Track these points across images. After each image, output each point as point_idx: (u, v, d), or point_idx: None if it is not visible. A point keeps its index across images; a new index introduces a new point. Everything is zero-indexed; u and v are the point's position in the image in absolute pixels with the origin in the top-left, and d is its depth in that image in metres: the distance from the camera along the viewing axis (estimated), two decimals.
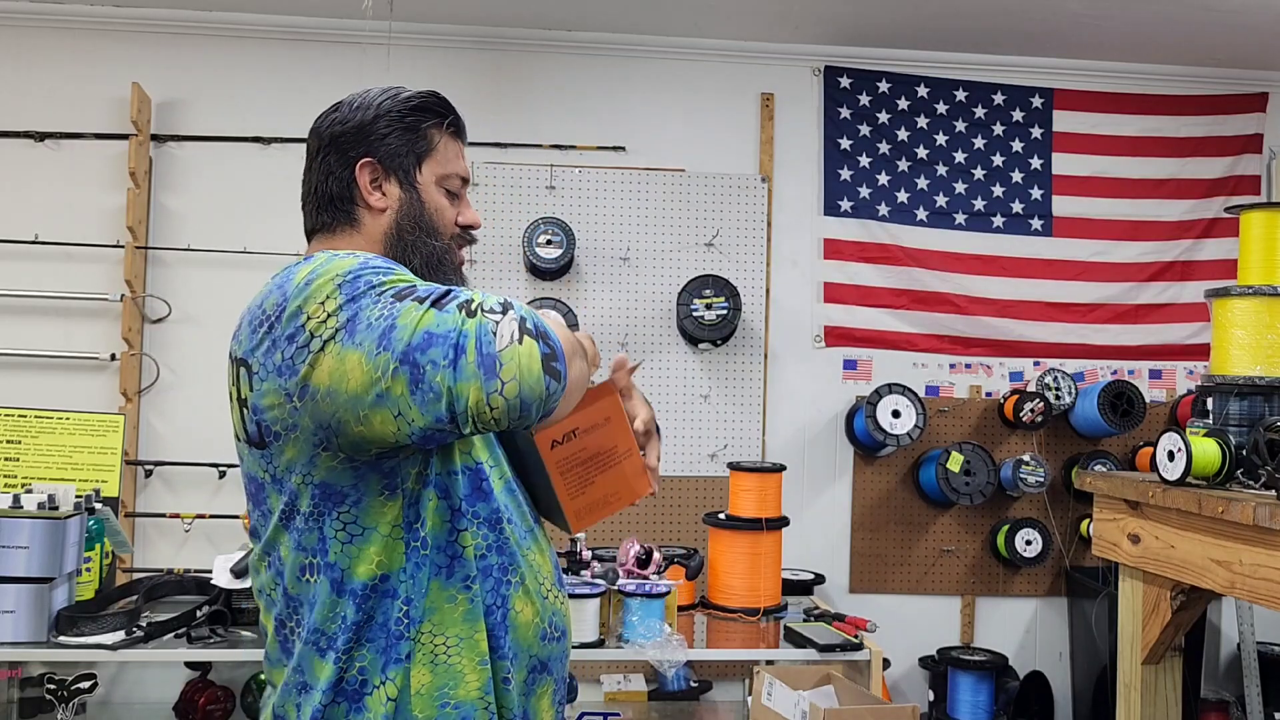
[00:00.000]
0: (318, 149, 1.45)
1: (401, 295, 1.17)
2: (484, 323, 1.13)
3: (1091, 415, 3.91)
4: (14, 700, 2.95)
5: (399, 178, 1.43)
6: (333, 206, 1.42)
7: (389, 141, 1.43)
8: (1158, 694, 2.34)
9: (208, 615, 2.53)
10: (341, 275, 1.20)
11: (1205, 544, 2.01)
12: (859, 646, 2.71)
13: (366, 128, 1.43)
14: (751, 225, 4.05)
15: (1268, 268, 2.19)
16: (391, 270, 1.23)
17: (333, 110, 1.47)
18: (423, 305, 1.15)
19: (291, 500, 1.29)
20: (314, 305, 1.19)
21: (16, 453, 2.81)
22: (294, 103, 3.91)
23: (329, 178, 1.43)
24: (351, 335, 1.15)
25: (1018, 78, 4.20)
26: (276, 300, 1.24)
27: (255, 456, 1.31)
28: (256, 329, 1.26)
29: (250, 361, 1.27)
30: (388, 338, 1.13)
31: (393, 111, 1.44)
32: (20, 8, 3.79)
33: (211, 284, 3.85)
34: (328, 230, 1.43)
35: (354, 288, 1.18)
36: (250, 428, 1.29)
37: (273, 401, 1.24)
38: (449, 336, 1.12)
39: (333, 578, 1.27)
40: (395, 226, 1.42)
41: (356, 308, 1.16)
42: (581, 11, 3.82)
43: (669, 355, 4.00)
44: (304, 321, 1.19)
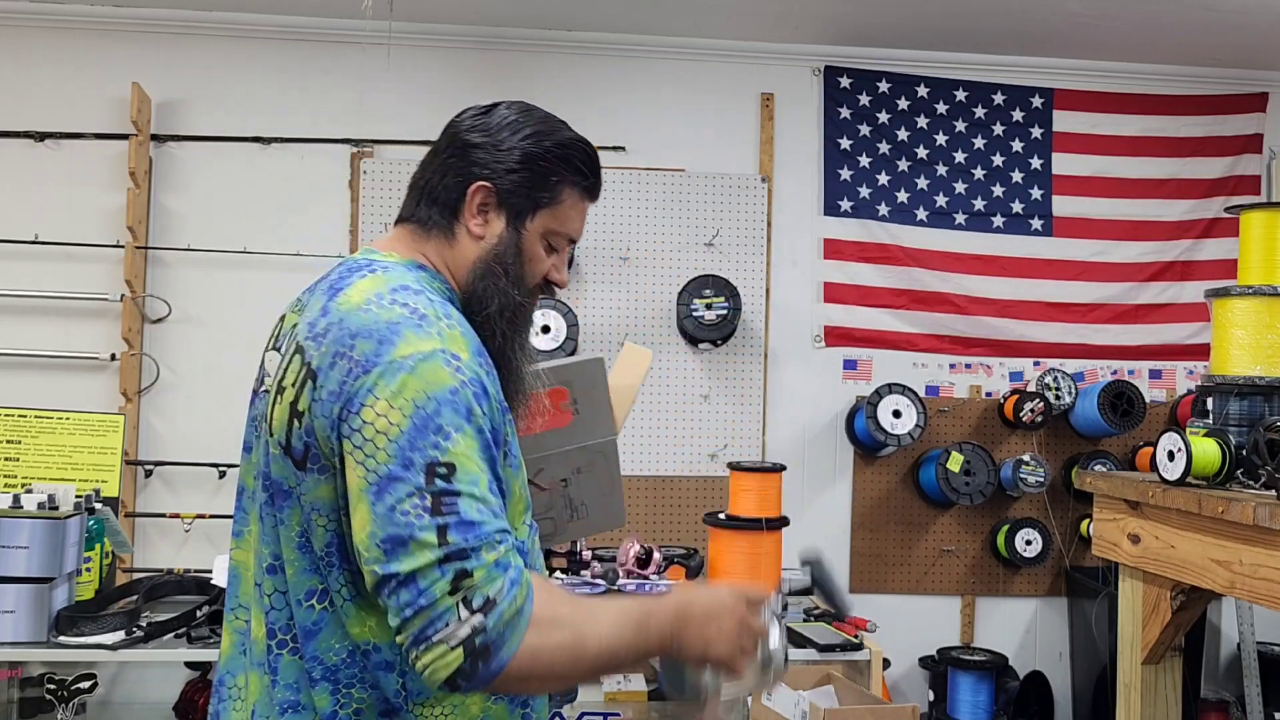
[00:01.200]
0: (447, 145, 1.37)
1: (435, 507, 1.12)
2: (450, 610, 1.10)
3: (1091, 415, 3.91)
4: (14, 700, 2.95)
5: (508, 215, 1.35)
6: (435, 207, 1.36)
7: (514, 178, 1.34)
8: (1158, 694, 2.34)
9: (208, 615, 2.53)
10: (424, 400, 1.15)
11: (1205, 544, 2.01)
12: (859, 646, 2.71)
13: (501, 153, 1.34)
14: (751, 225, 4.05)
15: (1268, 268, 2.19)
16: (467, 421, 1.16)
17: (482, 113, 1.38)
18: (436, 553, 1.11)
19: (306, 531, 1.23)
20: (383, 405, 1.15)
21: (16, 453, 2.81)
22: (294, 103, 3.91)
23: (444, 178, 1.35)
24: (378, 496, 1.13)
25: (1018, 78, 4.20)
26: (367, 351, 1.18)
27: (288, 467, 1.24)
28: (335, 354, 1.20)
29: (319, 379, 1.20)
30: (391, 544, 1.12)
31: (533, 151, 1.35)
32: (20, 8, 3.79)
33: (211, 284, 3.85)
34: (423, 228, 1.36)
35: (420, 435, 1.13)
36: (296, 443, 1.22)
37: (322, 437, 1.19)
38: (421, 595, 1.10)
39: (332, 624, 1.23)
40: (484, 261, 1.35)
41: (401, 469, 1.13)
42: (581, 11, 3.82)
43: (669, 355, 4.00)
44: (363, 409, 1.15)
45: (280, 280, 3.84)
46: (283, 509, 1.25)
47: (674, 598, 1.24)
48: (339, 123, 3.91)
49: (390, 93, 3.90)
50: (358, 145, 3.90)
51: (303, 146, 3.90)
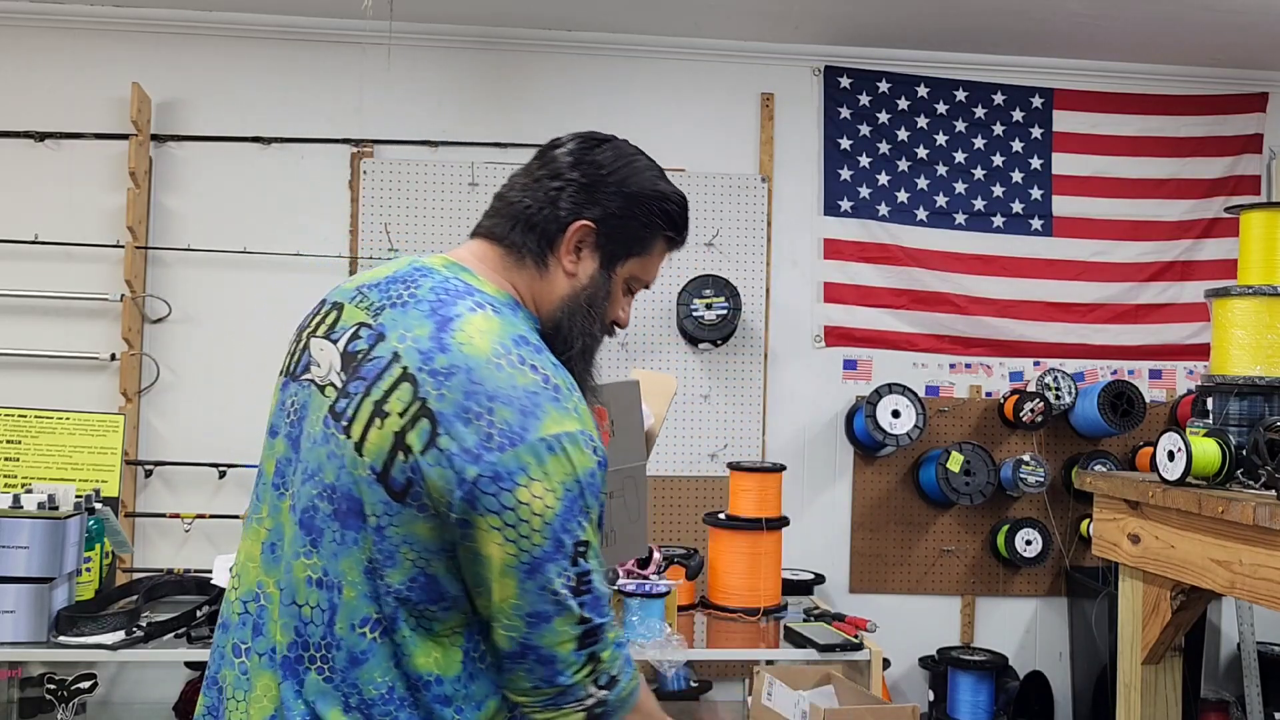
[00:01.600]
0: (554, 174, 1.35)
1: (579, 586, 1.20)
2: (583, 687, 1.22)
3: (1091, 415, 3.91)
4: (14, 700, 2.95)
5: (602, 257, 1.36)
6: (532, 235, 1.34)
7: (621, 225, 1.36)
8: (1158, 694, 2.34)
9: (208, 615, 2.53)
10: (572, 483, 1.19)
11: (1205, 544, 2.01)
12: (859, 646, 2.71)
13: (608, 195, 1.35)
14: (751, 225, 4.05)
15: (1268, 268, 2.19)
16: (597, 500, 1.23)
17: (591, 146, 1.39)
18: (576, 629, 1.20)
19: (386, 561, 1.20)
20: (539, 488, 1.17)
21: (16, 453, 2.81)
22: (294, 103, 3.91)
23: (546, 208, 1.33)
24: (529, 575, 1.17)
25: (1018, 78, 4.20)
26: (510, 421, 1.17)
27: (378, 494, 1.20)
28: (466, 409, 1.18)
29: (442, 427, 1.17)
30: (536, 619, 1.19)
31: (649, 204, 1.37)
32: (20, 8, 3.79)
33: (211, 284, 3.85)
34: (516, 254, 1.34)
35: (569, 518, 1.18)
36: (399, 475, 1.18)
37: (437, 486, 1.17)
38: (559, 675, 1.21)
39: (392, 651, 1.21)
40: (573, 299, 1.35)
41: (554, 550, 1.18)
42: (581, 11, 3.82)
43: (669, 355, 4.00)
44: (518, 489, 1.16)
45: (280, 280, 3.85)
46: (357, 530, 1.21)
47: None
48: (339, 123, 3.91)
49: (390, 93, 3.90)
50: (358, 145, 3.90)
51: (303, 146, 3.90)
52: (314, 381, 1.28)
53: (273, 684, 1.23)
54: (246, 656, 1.27)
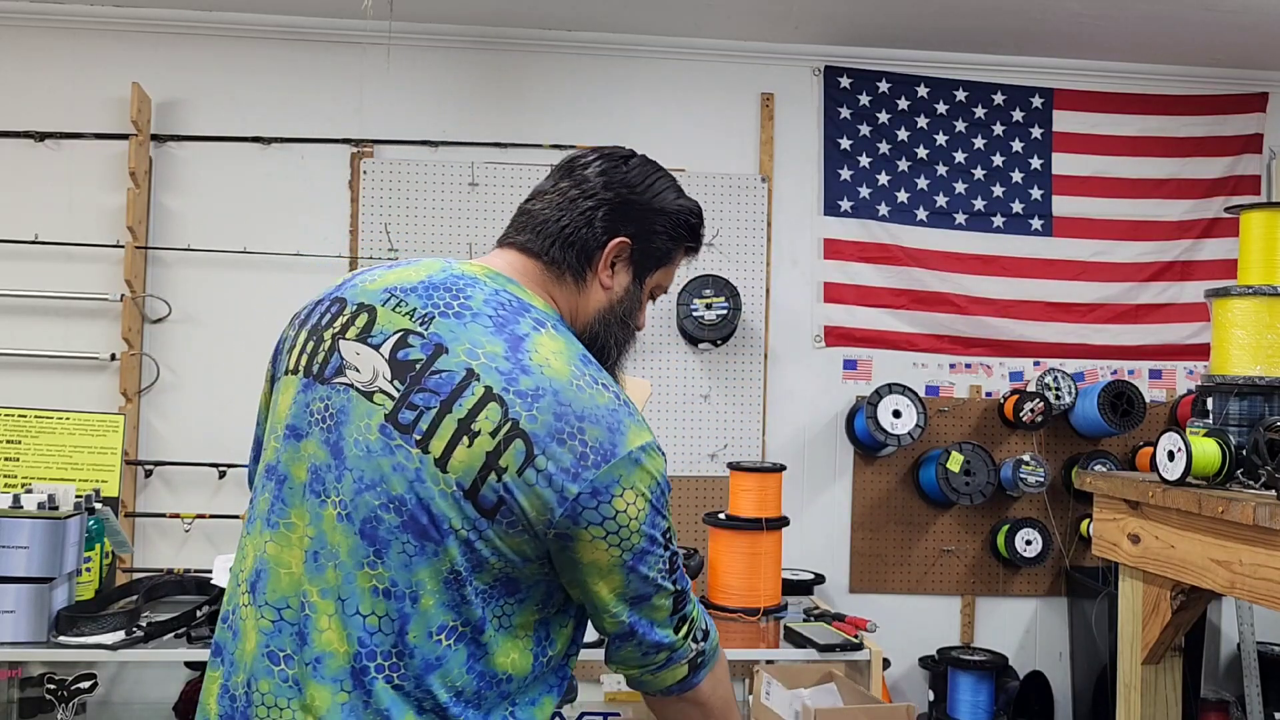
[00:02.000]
0: (590, 193, 1.41)
1: (670, 569, 1.36)
2: (685, 647, 1.40)
3: (1091, 415, 3.91)
4: (14, 700, 2.95)
5: (635, 270, 1.45)
6: (571, 252, 1.40)
7: (656, 240, 1.45)
8: (1158, 694, 2.34)
9: (208, 615, 2.53)
10: (655, 488, 1.31)
11: (1205, 544, 2.01)
12: (859, 646, 2.71)
13: (644, 215, 1.44)
14: (751, 225, 4.05)
15: (1268, 268, 2.19)
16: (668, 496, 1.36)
17: (621, 164, 1.47)
18: (668, 602, 1.36)
19: (473, 569, 1.24)
20: (631, 495, 1.28)
21: (16, 453, 2.81)
22: (294, 103, 3.91)
23: (586, 227, 1.40)
24: (633, 569, 1.31)
25: (1018, 78, 4.20)
26: (601, 439, 1.25)
27: (465, 510, 1.23)
28: (560, 431, 1.23)
29: (537, 448, 1.22)
30: (639, 601, 1.34)
31: (676, 218, 1.47)
32: (20, 8, 3.79)
33: (211, 284, 3.85)
34: (555, 269, 1.40)
35: (657, 515, 1.32)
36: (489, 494, 1.22)
37: (536, 505, 1.23)
38: (664, 643, 1.38)
39: (472, 652, 1.26)
40: (610, 312, 1.44)
41: (649, 544, 1.32)
42: (581, 11, 3.82)
43: (669, 355, 4.00)
44: (615, 499, 1.26)
45: (280, 280, 3.85)
46: (437, 542, 1.23)
47: None
48: (339, 123, 3.91)
49: (390, 93, 3.90)
50: (358, 145, 3.90)
51: (303, 146, 3.90)
52: (353, 386, 1.27)
53: (328, 694, 1.23)
54: (288, 665, 1.25)
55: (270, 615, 1.27)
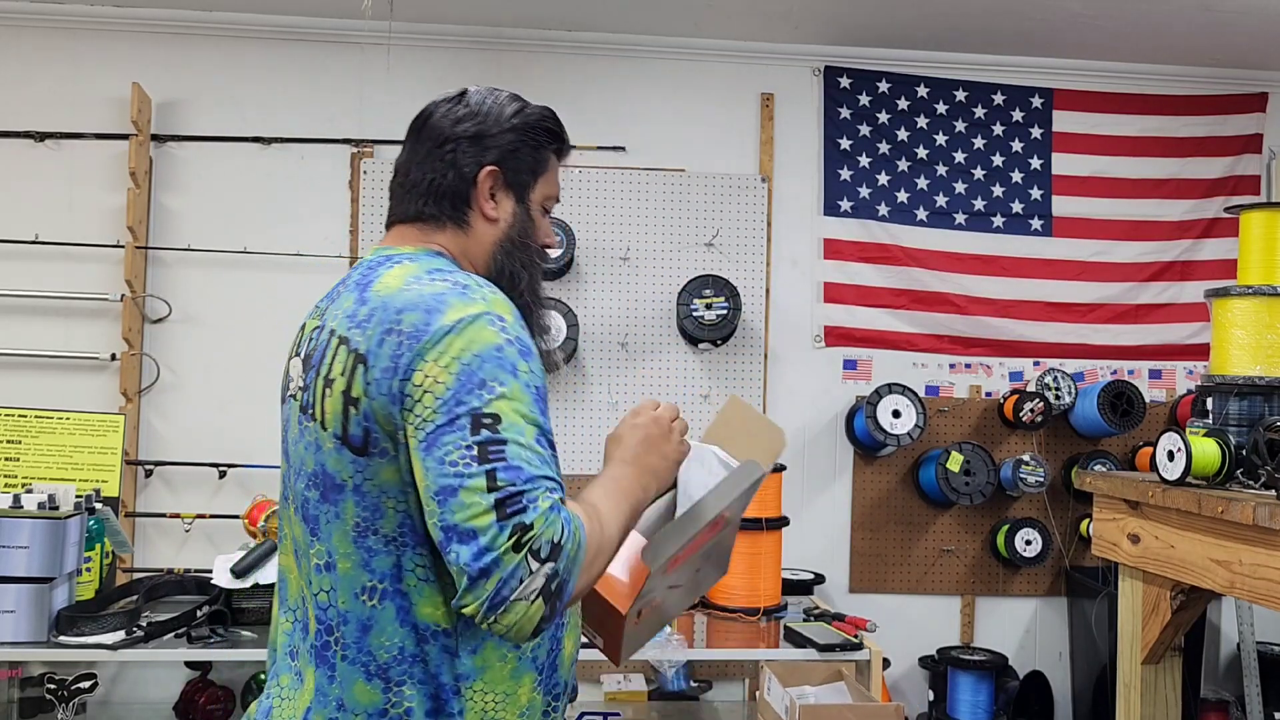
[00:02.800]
0: (440, 140, 1.42)
1: (483, 454, 1.16)
2: (520, 565, 1.13)
3: (1091, 415, 3.91)
4: (14, 700, 2.95)
5: (515, 192, 1.44)
6: (445, 201, 1.41)
7: (518, 156, 1.44)
8: (1158, 694, 2.34)
9: (208, 615, 2.53)
10: (469, 358, 1.20)
11: (1205, 544, 2.01)
12: (859, 646, 2.71)
13: (499, 137, 1.43)
14: (751, 225, 4.05)
15: (1267, 268, 2.19)
16: (513, 376, 1.21)
17: (457, 103, 1.47)
18: (487, 499, 1.14)
19: (372, 517, 1.25)
20: (431, 366, 1.20)
21: (16, 453, 2.81)
22: (294, 103, 3.91)
23: (449, 172, 1.41)
24: (428, 451, 1.18)
25: (1018, 78, 4.20)
26: (416, 321, 1.23)
27: (345, 457, 1.26)
28: (384, 332, 1.24)
29: (370, 361, 1.24)
30: (444, 494, 1.16)
31: (524, 127, 1.45)
32: (20, 8, 3.79)
33: (211, 284, 3.85)
34: (434, 223, 1.41)
35: (465, 390, 1.18)
36: (355, 430, 1.25)
37: (382, 416, 1.23)
38: (484, 554, 1.13)
39: (400, 605, 1.26)
40: (506, 240, 1.43)
41: (447, 422, 1.18)
42: (581, 11, 3.82)
43: (669, 355, 4.00)
44: (414, 374, 1.20)
45: (280, 280, 3.85)
46: (337, 503, 1.27)
47: (622, 445, 1.37)
48: (339, 123, 3.91)
49: (390, 93, 3.90)
50: (358, 145, 3.90)
51: (303, 146, 3.90)
52: (292, 396, 1.36)
53: (312, 677, 1.31)
54: (294, 658, 1.35)
55: (289, 619, 1.38)
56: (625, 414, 1.45)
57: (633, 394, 3.94)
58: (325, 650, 1.29)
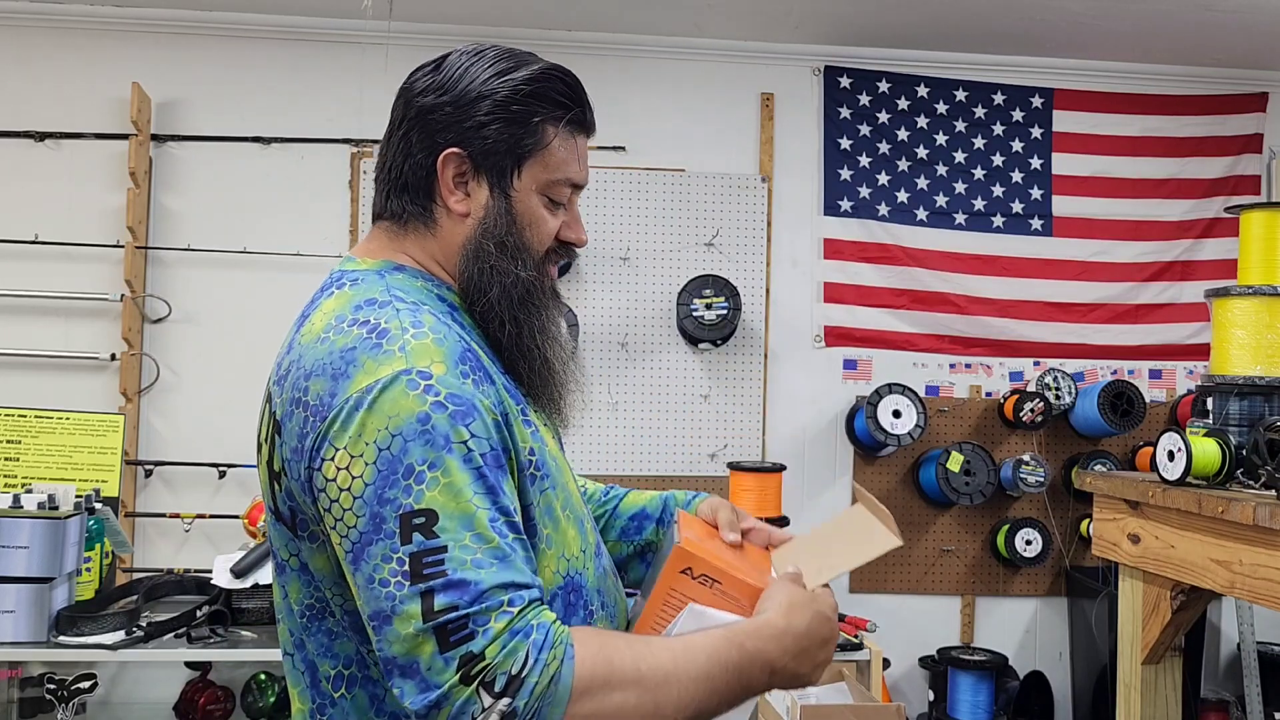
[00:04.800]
0: (401, 119, 1.18)
1: (415, 570, 0.93)
2: (471, 700, 0.91)
3: (1091, 415, 3.91)
4: (14, 700, 2.95)
5: (490, 179, 1.14)
6: (406, 195, 1.15)
7: (487, 133, 1.13)
8: (1158, 694, 2.34)
9: (208, 615, 2.53)
10: (387, 439, 0.96)
11: (1205, 544, 2.01)
12: (859, 646, 2.71)
13: (464, 109, 1.13)
14: (751, 225, 4.05)
15: (1268, 268, 2.19)
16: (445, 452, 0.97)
17: (431, 70, 1.18)
18: (424, 627, 0.92)
19: (318, 605, 1.08)
20: (343, 456, 0.97)
21: (16, 453, 2.81)
22: (294, 103, 3.91)
23: (406, 160, 1.15)
24: (356, 567, 0.97)
25: (1018, 78, 4.19)
26: (320, 392, 1.00)
27: (283, 533, 1.08)
28: (292, 401, 1.03)
29: (283, 432, 1.04)
30: (379, 620, 0.95)
31: (499, 94, 1.13)
32: (20, 8, 3.79)
33: (211, 284, 3.85)
34: (398, 222, 1.16)
35: (387, 485, 0.95)
36: (281, 507, 1.07)
37: (303, 502, 1.04)
38: (429, 690, 0.92)
39: (372, 694, 1.07)
40: (476, 241, 1.14)
41: (372, 530, 0.95)
42: (581, 11, 3.82)
43: (669, 355, 4.00)
44: (325, 464, 0.99)
45: (280, 280, 3.85)
46: (284, 582, 1.11)
47: (788, 626, 1.05)
48: (339, 123, 3.91)
49: (390, 93, 3.86)
50: (358, 145, 3.90)
51: (303, 146, 3.90)
52: None
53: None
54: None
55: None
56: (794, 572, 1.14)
57: (633, 394, 3.94)
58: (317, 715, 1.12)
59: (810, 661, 1.06)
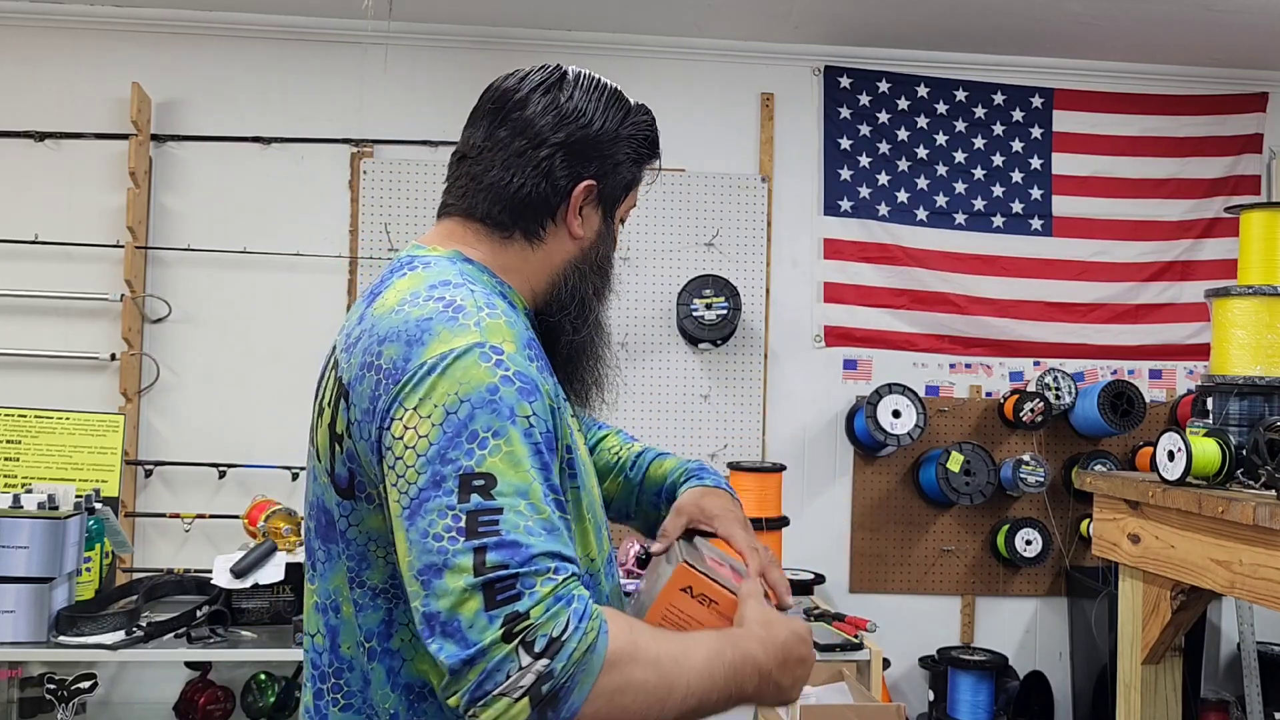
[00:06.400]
0: (537, 140, 1.20)
1: (471, 527, 0.96)
2: (509, 657, 0.94)
3: (1091, 415, 3.91)
4: (14, 700, 2.95)
5: (604, 209, 1.25)
6: (522, 210, 1.20)
7: (619, 173, 1.25)
8: (1158, 694, 2.34)
9: (208, 615, 2.53)
10: (456, 404, 1.01)
11: (1205, 544, 2.01)
12: (859, 646, 2.71)
13: (606, 146, 1.22)
14: (751, 225, 4.05)
15: (1268, 268, 2.19)
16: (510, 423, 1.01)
17: (558, 90, 1.22)
18: (474, 582, 0.95)
19: (359, 567, 1.12)
20: (412, 416, 1.02)
21: (16, 453, 2.81)
22: (294, 103, 3.91)
23: (543, 182, 1.19)
24: (411, 521, 1.00)
25: (1018, 78, 4.19)
26: (394, 356, 1.05)
27: (334, 496, 1.13)
28: (364, 365, 1.08)
29: (351, 396, 1.08)
30: (427, 574, 0.98)
31: (635, 138, 1.25)
32: (20, 8, 3.79)
33: (211, 284, 3.85)
34: (501, 231, 1.21)
35: (452, 445, 0.99)
36: (340, 470, 1.10)
37: (367, 463, 1.08)
38: (469, 646, 0.95)
39: (389, 666, 1.11)
40: (580, 260, 1.24)
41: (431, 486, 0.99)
42: (581, 11, 3.82)
43: (669, 355, 4.00)
44: (394, 424, 1.03)
45: (280, 280, 3.85)
46: (335, 543, 1.14)
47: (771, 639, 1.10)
48: (339, 123, 3.91)
49: (390, 93, 3.90)
50: (358, 145, 3.90)
51: (303, 146, 3.90)
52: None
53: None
54: (302, 692, 1.23)
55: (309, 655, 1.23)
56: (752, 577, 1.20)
57: (633, 394, 3.94)
58: (318, 699, 1.15)
59: (790, 674, 1.11)
